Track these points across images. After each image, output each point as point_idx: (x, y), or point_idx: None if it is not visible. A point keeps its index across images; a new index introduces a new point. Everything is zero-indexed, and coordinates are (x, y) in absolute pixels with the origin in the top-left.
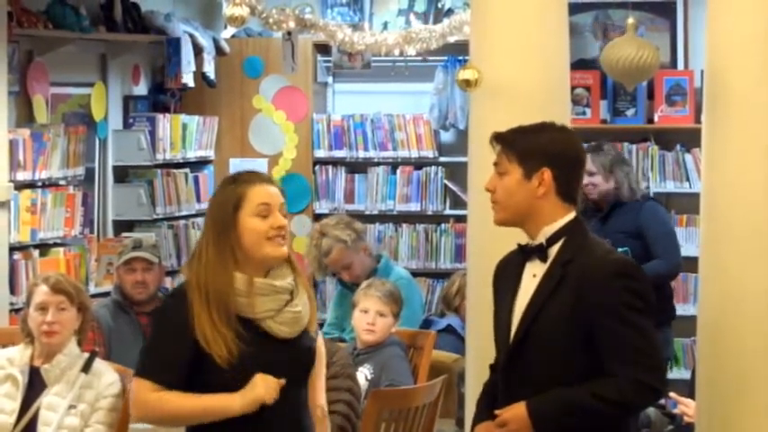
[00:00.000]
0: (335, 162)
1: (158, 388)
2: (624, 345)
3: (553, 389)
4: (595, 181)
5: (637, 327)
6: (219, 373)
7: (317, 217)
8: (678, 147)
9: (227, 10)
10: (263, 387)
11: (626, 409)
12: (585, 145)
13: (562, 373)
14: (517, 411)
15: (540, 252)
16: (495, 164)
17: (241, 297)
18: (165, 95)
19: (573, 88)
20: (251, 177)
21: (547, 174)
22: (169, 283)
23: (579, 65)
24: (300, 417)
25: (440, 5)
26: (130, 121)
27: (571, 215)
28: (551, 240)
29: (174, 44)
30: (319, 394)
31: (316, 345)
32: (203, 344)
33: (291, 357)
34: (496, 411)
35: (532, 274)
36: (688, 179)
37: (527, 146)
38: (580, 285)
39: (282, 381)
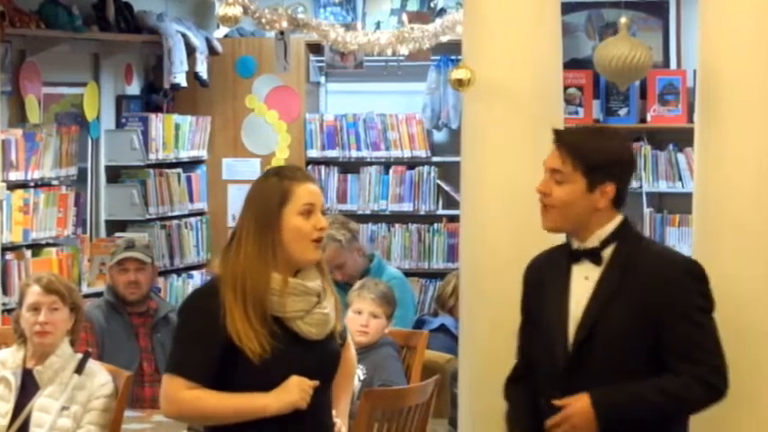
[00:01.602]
0: (328, 162)
1: (192, 385)
2: (691, 345)
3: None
4: None
5: (703, 327)
6: (250, 370)
7: None
8: (671, 146)
9: (220, 10)
10: (299, 392)
11: (690, 407)
12: None
13: (630, 374)
14: (580, 405)
15: (592, 255)
16: (555, 169)
17: (274, 296)
18: (157, 95)
19: (566, 88)
20: (296, 174)
21: (610, 188)
22: (162, 284)
23: (572, 64)
24: (324, 418)
25: (432, 5)
26: (123, 120)
27: (620, 218)
28: (605, 243)
29: (168, 44)
30: (341, 410)
31: (341, 349)
32: (236, 340)
33: (318, 359)
34: (556, 402)
35: (584, 277)
36: (680, 179)
37: (595, 159)
38: (648, 285)
39: (316, 383)
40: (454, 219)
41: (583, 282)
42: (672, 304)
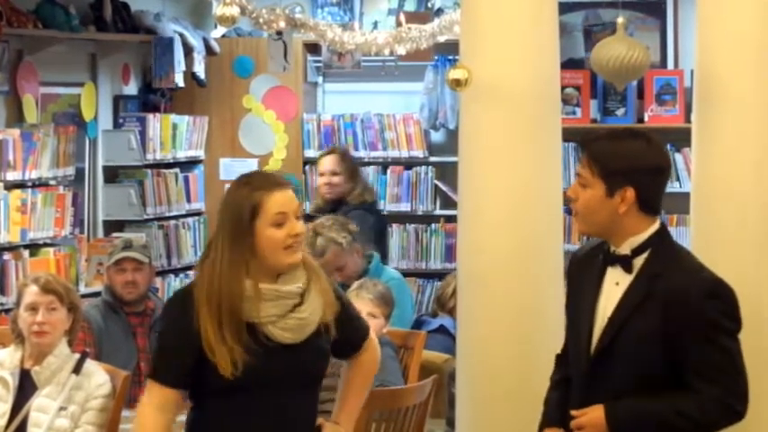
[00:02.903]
0: None
1: (164, 396)
2: (711, 365)
3: (633, 397)
4: (336, 181)
5: (724, 348)
6: (224, 380)
7: (308, 217)
8: (668, 146)
9: (218, 10)
10: None
11: (705, 428)
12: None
13: (645, 387)
14: (595, 416)
15: (623, 262)
16: (579, 173)
17: (247, 303)
18: (155, 95)
19: (563, 88)
20: (266, 182)
21: (630, 192)
22: (159, 284)
23: (569, 64)
24: (310, 419)
25: (430, 5)
26: (120, 120)
27: (656, 225)
28: (637, 251)
29: (164, 44)
30: (348, 411)
31: (326, 349)
32: (208, 353)
33: (295, 363)
34: (573, 412)
35: (615, 282)
36: (678, 179)
37: (612, 163)
38: (669, 302)
39: None
40: (452, 219)
41: (614, 287)
42: (690, 324)
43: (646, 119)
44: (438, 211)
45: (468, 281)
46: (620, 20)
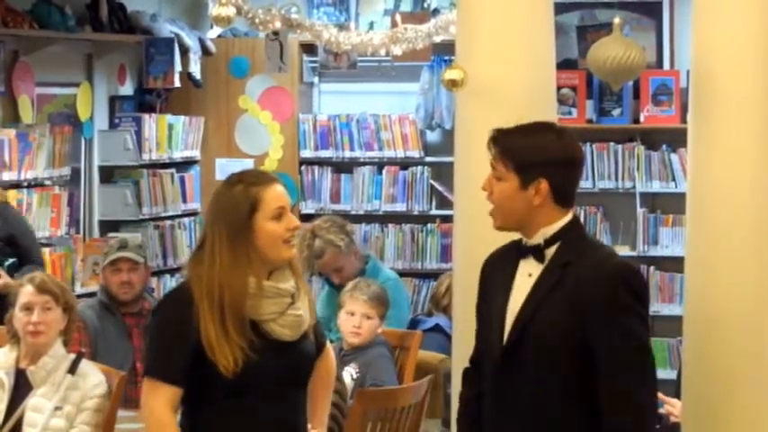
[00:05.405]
0: (321, 162)
1: (172, 395)
2: (614, 353)
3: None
4: None
5: (629, 335)
6: (222, 380)
7: (304, 217)
8: (664, 147)
9: (214, 10)
10: None
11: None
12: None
13: (558, 375)
14: None
15: (536, 252)
16: (493, 167)
17: (250, 300)
18: (150, 95)
19: (559, 88)
20: (260, 178)
21: (543, 184)
22: (155, 284)
23: (565, 65)
24: (297, 419)
25: (426, 5)
26: (116, 121)
27: (569, 217)
28: (549, 241)
29: (159, 44)
30: (319, 419)
31: (314, 349)
32: (208, 352)
33: (292, 361)
34: None
35: (528, 274)
36: (674, 179)
37: (524, 155)
38: (577, 288)
39: None
40: (447, 219)
41: (526, 278)
42: (593, 308)
43: (642, 119)
44: (434, 211)
45: (464, 280)
46: (616, 20)
